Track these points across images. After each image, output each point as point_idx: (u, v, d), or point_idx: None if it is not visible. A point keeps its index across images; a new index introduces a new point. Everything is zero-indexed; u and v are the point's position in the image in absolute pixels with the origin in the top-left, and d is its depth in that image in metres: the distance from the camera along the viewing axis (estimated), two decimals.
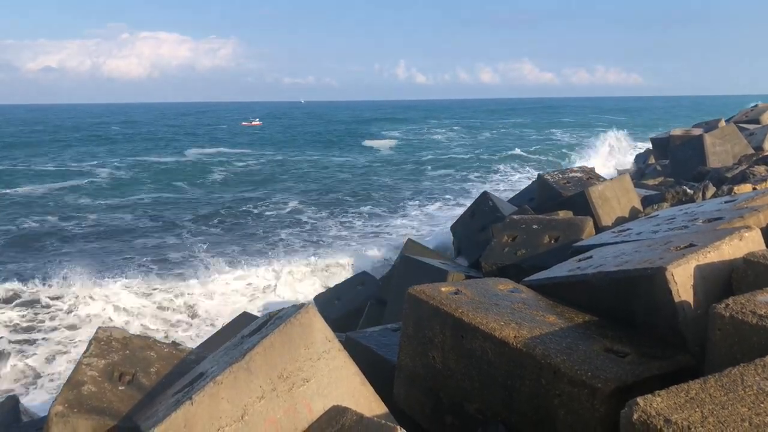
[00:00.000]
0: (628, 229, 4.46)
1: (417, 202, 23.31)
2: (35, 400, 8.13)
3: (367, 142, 54.96)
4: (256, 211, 22.60)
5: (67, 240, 18.35)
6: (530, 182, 12.03)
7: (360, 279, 9.56)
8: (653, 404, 1.67)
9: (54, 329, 11.11)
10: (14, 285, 13.20)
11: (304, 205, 23.36)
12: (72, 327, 11.21)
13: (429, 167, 36.46)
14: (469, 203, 10.28)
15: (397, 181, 30.50)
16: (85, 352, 3.38)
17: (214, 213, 22.25)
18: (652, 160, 14.66)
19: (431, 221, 19.08)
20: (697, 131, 13.41)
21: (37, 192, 27.91)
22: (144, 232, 19.33)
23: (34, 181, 31.20)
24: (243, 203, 24.28)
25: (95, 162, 40.90)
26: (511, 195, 13.33)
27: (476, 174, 32.95)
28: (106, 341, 3.47)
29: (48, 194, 27.44)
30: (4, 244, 17.83)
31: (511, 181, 28.96)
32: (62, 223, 20.94)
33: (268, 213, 22.16)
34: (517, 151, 45.89)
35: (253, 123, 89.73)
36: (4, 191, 27.83)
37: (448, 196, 24.64)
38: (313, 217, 21.11)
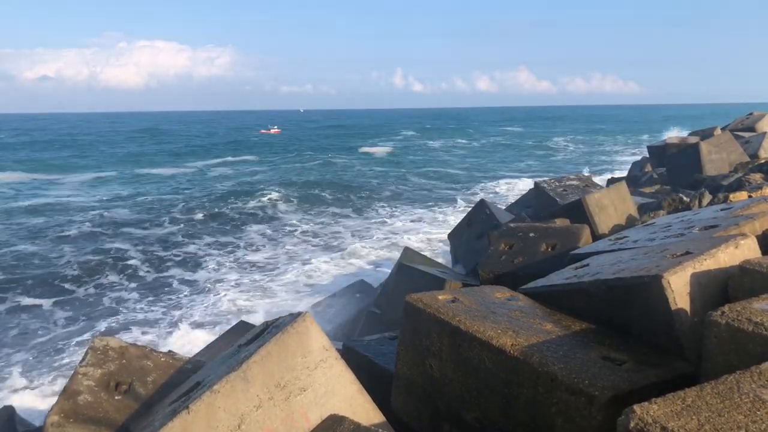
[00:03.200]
0: (625, 237, 4.47)
1: (414, 211, 23.32)
2: (31, 411, 8.08)
3: (365, 149, 55.33)
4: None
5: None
6: (527, 190, 12.06)
7: (357, 287, 9.55)
8: (650, 412, 1.67)
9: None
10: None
11: (296, 206, 23.51)
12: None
13: (426, 175, 36.53)
14: (466, 211, 10.30)
15: (394, 188, 30.55)
16: (81, 362, 3.37)
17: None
18: (648, 168, 14.71)
19: (428, 229, 19.08)
20: (693, 139, 13.48)
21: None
22: None
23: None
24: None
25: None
26: (508, 203, 13.36)
27: (474, 182, 33.03)
28: (102, 350, 3.46)
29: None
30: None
31: (508, 189, 29.02)
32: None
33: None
34: (514, 157, 46.14)
35: (271, 131, 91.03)
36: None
37: (444, 204, 24.67)
38: (305, 221, 21.14)
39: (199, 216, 22.71)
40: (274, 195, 26.83)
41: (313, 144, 65.29)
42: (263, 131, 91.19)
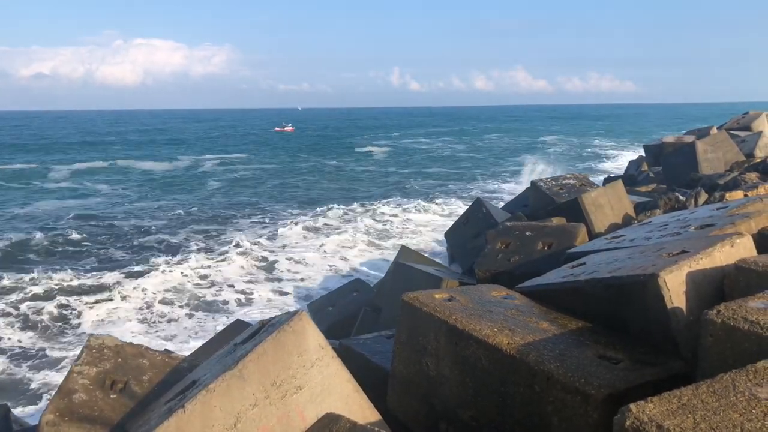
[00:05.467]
0: (621, 236, 4.48)
1: (411, 210, 23.33)
2: (26, 409, 8.07)
3: (365, 148, 55.57)
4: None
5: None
6: (524, 189, 12.07)
7: (354, 286, 9.55)
8: (646, 410, 1.67)
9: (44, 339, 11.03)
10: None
11: (297, 206, 23.56)
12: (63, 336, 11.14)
13: (423, 173, 36.56)
14: (462, 210, 10.30)
15: (392, 186, 30.57)
16: (76, 360, 3.36)
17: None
18: (644, 167, 14.73)
19: (425, 228, 19.09)
20: (689, 138, 13.49)
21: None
22: None
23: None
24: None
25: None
26: (504, 202, 13.37)
27: (470, 181, 33.06)
28: (98, 349, 3.45)
29: None
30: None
31: (504, 188, 29.06)
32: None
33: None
34: (511, 157, 46.24)
35: (285, 129, 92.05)
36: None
37: (441, 203, 24.67)
38: (305, 218, 21.15)
39: (212, 209, 23.10)
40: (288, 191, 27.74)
41: (324, 143, 66.56)
42: (278, 129, 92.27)
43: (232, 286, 13.70)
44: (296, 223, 21.00)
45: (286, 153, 53.36)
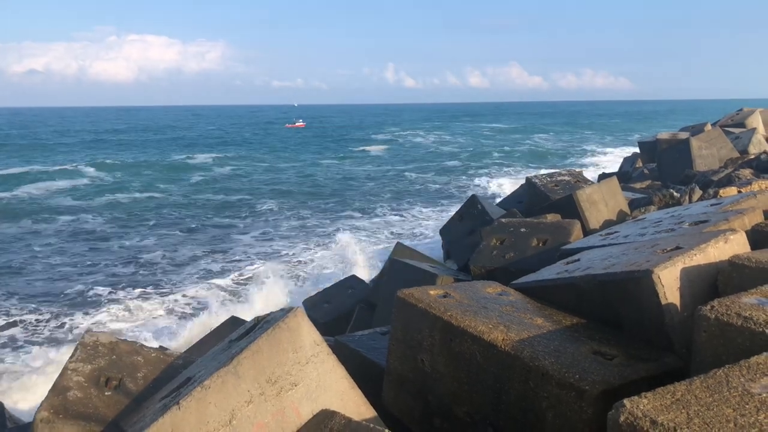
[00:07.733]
0: (616, 232, 4.49)
1: (407, 206, 23.33)
2: (21, 406, 8.04)
3: (359, 147, 55.54)
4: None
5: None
6: (519, 186, 12.09)
7: (349, 282, 9.54)
8: (640, 406, 1.68)
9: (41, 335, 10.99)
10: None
11: (292, 206, 23.53)
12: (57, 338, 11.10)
13: (419, 171, 36.57)
14: (457, 207, 10.30)
15: (387, 185, 30.57)
16: (71, 357, 3.35)
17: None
18: (639, 164, 14.75)
19: (421, 225, 19.10)
20: (684, 135, 13.51)
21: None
22: None
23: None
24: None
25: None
26: (499, 198, 13.39)
27: (465, 177, 33.10)
28: (92, 346, 3.44)
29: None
30: None
31: (500, 185, 29.10)
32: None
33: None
34: (506, 154, 46.37)
35: (297, 124, 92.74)
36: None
37: (437, 200, 24.69)
38: (300, 219, 21.14)
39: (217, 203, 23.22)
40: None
41: (333, 137, 67.23)
42: (289, 125, 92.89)
43: (228, 282, 13.68)
44: (294, 220, 20.99)
45: (304, 150, 54.06)
